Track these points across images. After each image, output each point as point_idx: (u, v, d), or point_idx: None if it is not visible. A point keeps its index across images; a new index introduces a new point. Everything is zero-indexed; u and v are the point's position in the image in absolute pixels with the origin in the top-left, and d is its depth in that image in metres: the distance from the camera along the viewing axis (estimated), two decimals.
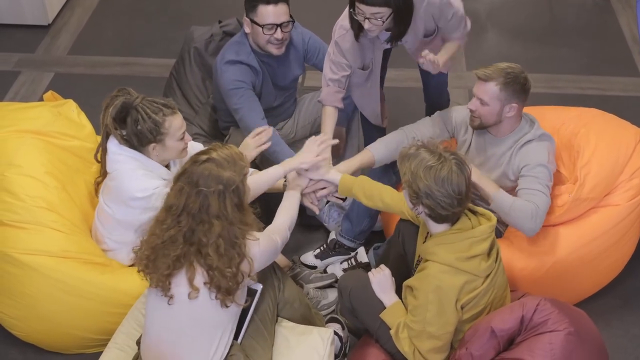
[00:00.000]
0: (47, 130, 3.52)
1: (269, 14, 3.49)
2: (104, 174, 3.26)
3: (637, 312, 3.59)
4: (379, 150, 3.45)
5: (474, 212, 2.86)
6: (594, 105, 4.15)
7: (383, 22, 3.22)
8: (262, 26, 3.51)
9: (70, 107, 3.72)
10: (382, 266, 3.07)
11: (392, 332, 2.91)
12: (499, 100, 3.19)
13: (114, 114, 3.09)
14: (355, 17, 3.26)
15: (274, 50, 3.60)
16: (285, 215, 3.07)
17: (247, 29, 3.60)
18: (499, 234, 3.49)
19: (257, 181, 3.11)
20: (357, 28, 3.37)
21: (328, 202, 3.90)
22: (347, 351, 3.33)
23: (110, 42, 5.44)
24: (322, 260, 3.75)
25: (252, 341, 2.90)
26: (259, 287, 2.93)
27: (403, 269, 3.25)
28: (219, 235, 2.63)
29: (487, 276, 2.79)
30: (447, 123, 3.51)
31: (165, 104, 3.10)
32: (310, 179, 3.28)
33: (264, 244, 2.78)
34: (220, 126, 4.08)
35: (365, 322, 3.09)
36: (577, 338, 2.64)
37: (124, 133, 3.11)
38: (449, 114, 3.51)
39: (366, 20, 3.22)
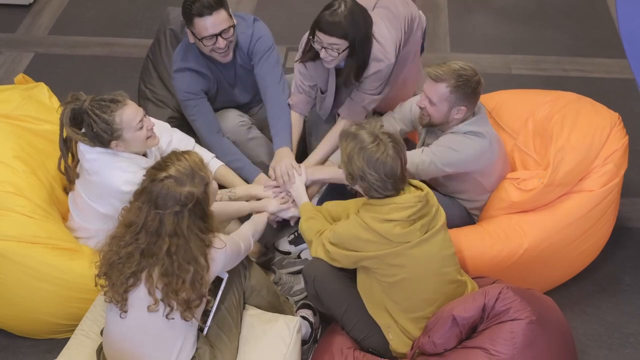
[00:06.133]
0: (17, 114, 3.48)
1: (206, 26, 3.37)
2: (72, 180, 3.25)
3: (612, 299, 3.57)
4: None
5: (411, 185, 2.90)
6: (578, 87, 4.11)
7: (339, 53, 3.26)
8: (202, 39, 3.42)
9: (41, 90, 3.68)
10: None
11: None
12: (447, 102, 3.15)
13: (70, 123, 3.07)
14: (313, 45, 3.30)
15: (219, 58, 3.51)
16: (251, 227, 3.12)
17: (191, 40, 3.51)
18: (472, 220, 3.47)
19: (222, 212, 3.16)
20: (314, 55, 3.39)
21: None
22: (318, 337, 3.31)
23: (91, 22, 5.38)
24: (295, 246, 3.72)
25: (217, 330, 2.89)
26: (225, 276, 2.91)
27: None
28: (173, 253, 2.61)
29: (403, 243, 2.79)
30: (406, 115, 3.50)
31: (113, 99, 3.04)
32: None
33: (230, 250, 2.79)
34: None
35: (330, 309, 3.09)
36: (538, 326, 2.63)
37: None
38: (408, 107, 3.49)
39: (323, 50, 3.27)
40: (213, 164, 3.49)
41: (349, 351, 2.97)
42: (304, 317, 3.27)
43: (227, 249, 2.75)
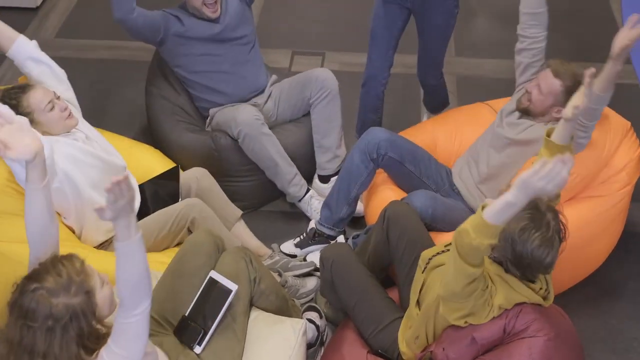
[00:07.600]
0: None
1: None
2: None
3: (617, 304, 3.58)
4: None
5: (547, 285, 2.71)
6: None
7: None
8: None
9: None
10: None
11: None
12: (554, 98, 3.18)
13: None
14: None
15: (209, 13, 3.65)
16: (126, 280, 2.27)
17: None
18: None
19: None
20: None
21: (309, 190, 3.91)
22: (324, 340, 3.31)
23: (98, 25, 5.40)
24: (301, 249, 3.73)
25: (218, 337, 2.85)
26: (234, 287, 2.86)
27: (384, 257, 3.24)
28: None
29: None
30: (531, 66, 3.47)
31: (22, 86, 3.09)
32: None
33: None
34: (200, 108, 4.09)
35: (342, 298, 3.07)
36: (555, 343, 2.61)
37: None
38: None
39: None
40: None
41: (360, 352, 2.96)
42: (310, 320, 3.26)
43: None
